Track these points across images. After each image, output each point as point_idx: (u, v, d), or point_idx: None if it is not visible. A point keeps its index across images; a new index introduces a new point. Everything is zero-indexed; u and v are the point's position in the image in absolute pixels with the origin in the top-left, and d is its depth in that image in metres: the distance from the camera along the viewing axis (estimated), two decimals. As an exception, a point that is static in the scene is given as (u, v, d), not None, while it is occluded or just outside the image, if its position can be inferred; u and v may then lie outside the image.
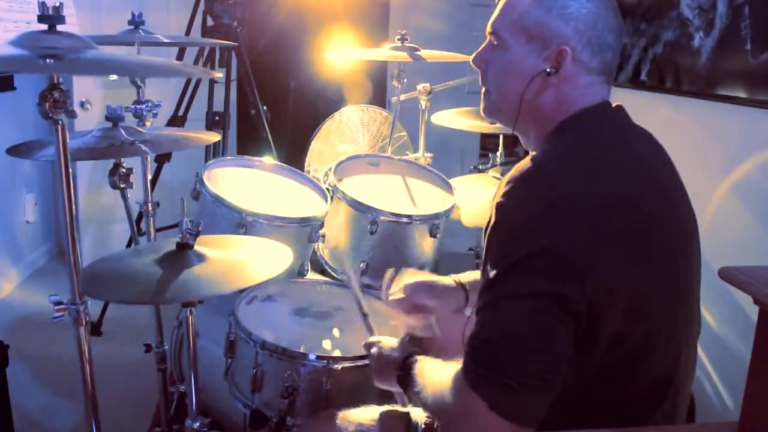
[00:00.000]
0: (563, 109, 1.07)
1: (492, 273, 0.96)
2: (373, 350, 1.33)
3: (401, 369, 1.21)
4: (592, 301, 0.93)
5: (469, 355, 0.97)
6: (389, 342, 1.32)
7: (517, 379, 0.92)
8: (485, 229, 1.04)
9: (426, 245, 1.96)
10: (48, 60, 1.09)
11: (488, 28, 1.13)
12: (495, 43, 1.12)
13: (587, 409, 1.02)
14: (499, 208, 0.98)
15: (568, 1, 1.04)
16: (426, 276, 1.56)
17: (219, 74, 2.77)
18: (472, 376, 0.95)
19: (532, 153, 1.11)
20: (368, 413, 1.30)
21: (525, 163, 1.03)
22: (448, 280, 1.51)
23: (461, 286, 1.48)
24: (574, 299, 0.92)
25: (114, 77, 1.79)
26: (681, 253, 1.06)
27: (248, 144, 3.41)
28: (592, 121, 1.06)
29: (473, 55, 1.17)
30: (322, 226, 1.91)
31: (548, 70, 1.05)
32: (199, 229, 1.29)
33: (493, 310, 0.96)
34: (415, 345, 1.28)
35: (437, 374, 1.08)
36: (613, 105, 1.11)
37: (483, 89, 1.17)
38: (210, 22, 2.93)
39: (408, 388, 1.19)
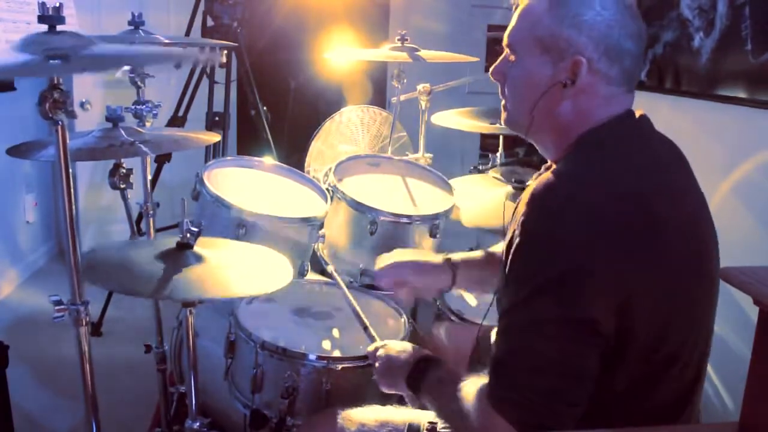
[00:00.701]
0: (582, 121, 1.04)
1: (516, 294, 0.96)
2: (380, 352, 1.32)
3: (413, 372, 1.20)
4: (620, 320, 0.93)
5: (493, 376, 0.96)
6: (396, 345, 1.32)
7: (543, 403, 0.92)
8: (507, 243, 1.02)
9: (426, 245, 1.95)
10: (55, 60, 1.07)
11: (504, 41, 1.11)
12: (511, 55, 1.10)
13: (613, 422, 1.01)
14: (522, 228, 0.96)
15: (582, 8, 1.00)
16: (416, 254, 1.57)
17: (224, 52, 2.75)
18: (495, 396, 0.95)
19: (551, 168, 1.08)
20: (370, 413, 1.29)
21: (546, 178, 1.00)
22: (438, 258, 1.51)
23: (451, 265, 1.48)
24: (602, 321, 0.92)
25: (124, 69, 1.76)
26: (703, 266, 1.04)
27: (248, 144, 3.41)
28: (613, 136, 1.03)
29: (492, 68, 1.14)
30: (322, 226, 1.91)
31: (564, 82, 1.02)
32: (201, 229, 1.29)
33: (520, 334, 0.95)
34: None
35: (458, 387, 1.06)
36: (636, 113, 1.07)
37: (503, 101, 1.15)
38: (210, 22, 2.93)
39: (420, 392, 1.17)
